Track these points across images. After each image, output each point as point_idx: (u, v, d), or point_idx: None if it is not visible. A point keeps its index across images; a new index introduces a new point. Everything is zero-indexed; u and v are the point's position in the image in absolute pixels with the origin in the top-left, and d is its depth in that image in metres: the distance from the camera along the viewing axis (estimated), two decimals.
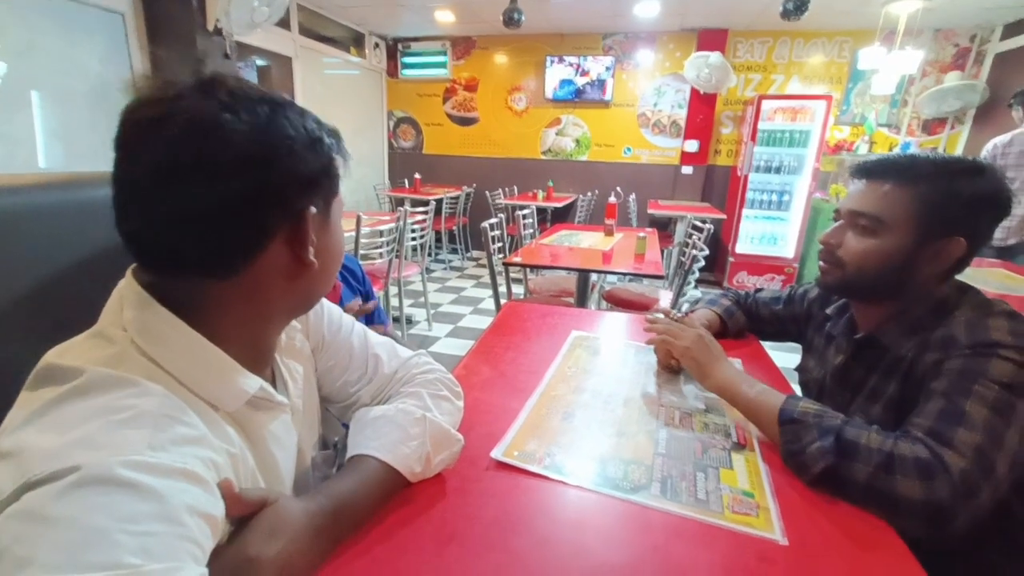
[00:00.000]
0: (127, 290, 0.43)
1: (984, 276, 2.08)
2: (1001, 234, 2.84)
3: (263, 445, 0.49)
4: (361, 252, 2.47)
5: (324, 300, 0.65)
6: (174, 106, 0.38)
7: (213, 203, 0.39)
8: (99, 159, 0.41)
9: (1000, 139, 2.83)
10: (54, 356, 0.39)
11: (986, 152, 2.86)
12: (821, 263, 0.83)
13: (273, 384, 0.54)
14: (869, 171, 0.77)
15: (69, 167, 2.65)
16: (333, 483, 0.51)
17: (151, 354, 0.40)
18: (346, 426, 0.70)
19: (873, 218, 0.74)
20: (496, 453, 0.66)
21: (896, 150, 4.29)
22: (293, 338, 0.59)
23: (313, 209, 0.45)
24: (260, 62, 4.05)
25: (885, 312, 0.79)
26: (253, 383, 0.46)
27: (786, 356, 1.45)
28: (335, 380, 0.67)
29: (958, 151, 4.22)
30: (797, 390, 0.89)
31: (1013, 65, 3.79)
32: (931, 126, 4.30)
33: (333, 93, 4.68)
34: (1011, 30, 3.81)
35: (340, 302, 1.07)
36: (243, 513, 0.41)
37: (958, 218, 0.71)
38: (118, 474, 0.32)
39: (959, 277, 0.77)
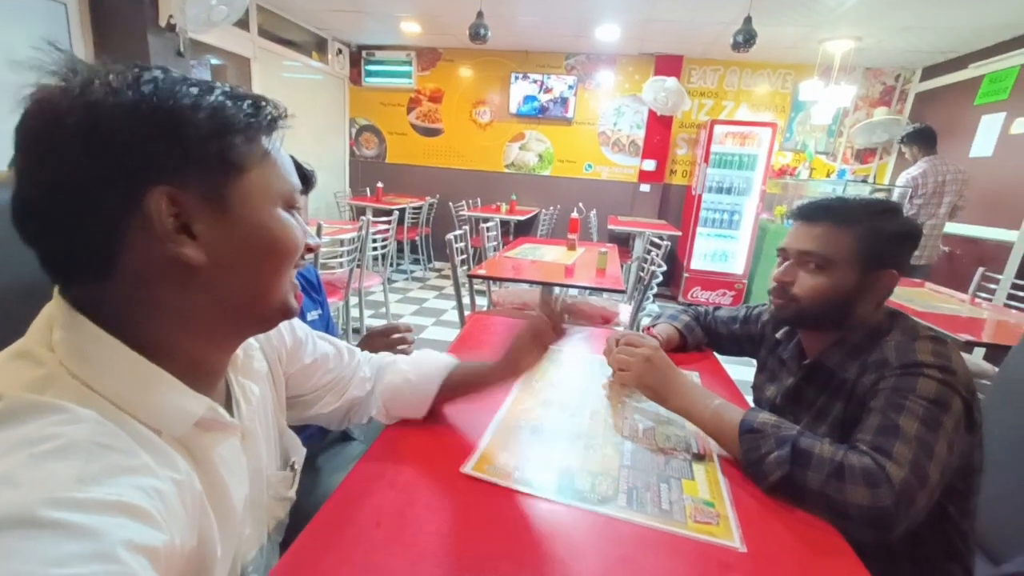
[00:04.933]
0: (55, 308, 0.39)
1: (910, 295, 2.26)
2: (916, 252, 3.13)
3: (211, 468, 0.46)
4: (321, 261, 2.40)
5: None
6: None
7: (30, 192, 0.37)
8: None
9: (913, 172, 3.09)
10: None
11: (906, 182, 3.10)
12: (775, 299, 0.89)
13: (228, 403, 0.52)
14: (809, 215, 0.86)
15: None
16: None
17: (83, 377, 0.37)
18: (309, 444, 0.69)
19: (822, 257, 0.82)
20: (466, 468, 0.66)
21: (833, 176, 4.64)
22: (252, 357, 0.56)
23: (164, 189, 0.37)
24: (215, 61, 3.90)
25: (829, 338, 0.87)
26: (199, 404, 0.43)
27: (741, 369, 1.52)
28: (305, 380, 0.70)
29: (887, 179, 4.61)
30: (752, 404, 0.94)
31: (931, 104, 4.21)
32: (863, 155, 4.68)
33: (293, 97, 4.55)
34: (929, 73, 4.23)
35: (302, 313, 1.03)
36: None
37: (889, 252, 0.81)
38: (41, 515, 0.28)
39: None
